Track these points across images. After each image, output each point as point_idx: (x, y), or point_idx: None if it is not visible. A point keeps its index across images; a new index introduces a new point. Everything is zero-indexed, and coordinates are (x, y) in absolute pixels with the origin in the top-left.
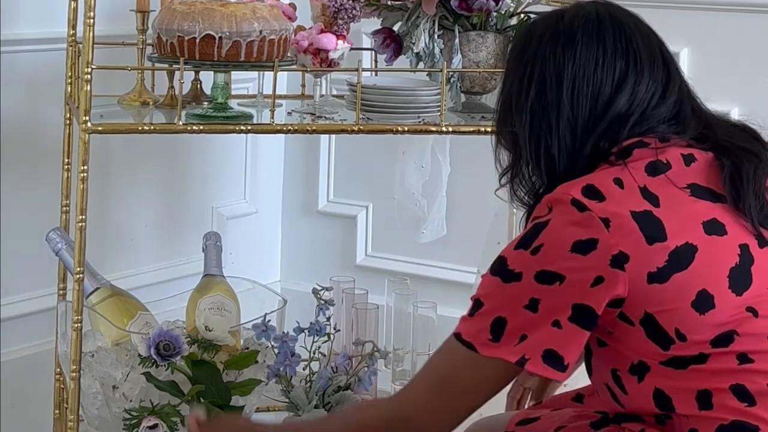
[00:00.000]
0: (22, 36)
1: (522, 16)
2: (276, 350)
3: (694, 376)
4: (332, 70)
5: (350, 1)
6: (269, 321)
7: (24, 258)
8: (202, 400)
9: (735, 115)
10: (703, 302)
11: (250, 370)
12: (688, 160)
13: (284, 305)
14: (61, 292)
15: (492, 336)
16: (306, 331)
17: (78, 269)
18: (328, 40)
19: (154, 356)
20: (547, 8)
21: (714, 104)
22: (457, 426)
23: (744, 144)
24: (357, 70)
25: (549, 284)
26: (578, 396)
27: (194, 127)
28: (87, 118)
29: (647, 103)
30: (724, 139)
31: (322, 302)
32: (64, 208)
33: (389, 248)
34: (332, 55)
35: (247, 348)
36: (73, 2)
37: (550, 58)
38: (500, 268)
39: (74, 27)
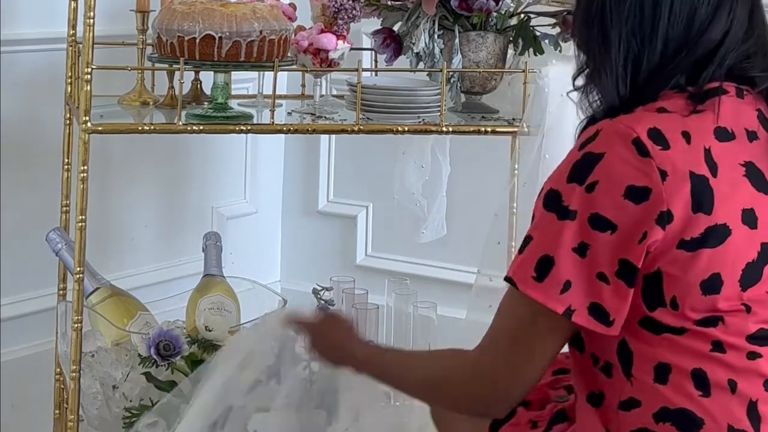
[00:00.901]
0: (22, 36)
1: (522, 16)
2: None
3: (664, 345)
4: (332, 70)
5: (350, 1)
6: None
7: (24, 258)
8: None
9: None
10: (712, 285)
11: None
12: (752, 136)
13: (284, 305)
14: (61, 292)
15: (536, 274)
16: None
17: (78, 269)
18: (328, 40)
19: (154, 356)
20: (547, 8)
21: None
22: (538, 379)
23: None
24: (357, 70)
25: (602, 231)
26: None
27: (194, 127)
28: (87, 118)
29: (738, 36)
30: None
31: (322, 302)
32: (64, 208)
33: (389, 248)
34: (332, 55)
35: None
36: (73, 2)
37: None
38: (554, 203)
39: (74, 27)
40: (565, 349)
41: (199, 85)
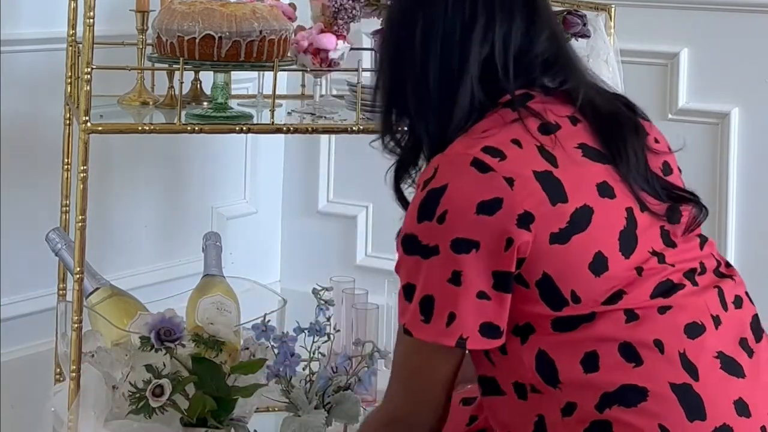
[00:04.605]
0: (22, 36)
1: None
2: (276, 350)
3: (582, 336)
4: (332, 70)
5: (350, 1)
6: (269, 321)
7: (24, 258)
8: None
9: (735, 115)
10: (599, 264)
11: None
12: (574, 120)
13: (284, 305)
14: (61, 292)
15: (423, 316)
16: (306, 331)
17: (78, 269)
18: (328, 40)
19: (154, 340)
20: None
21: (714, 104)
22: (445, 413)
23: (617, 108)
24: (357, 70)
25: (467, 252)
26: None
27: (194, 127)
28: (87, 118)
29: (511, 43)
30: (598, 102)
31: (322, 302)
32: (64, 208)
33: (389, 248)
34: (332, 55)
35: (247, 348)
36: (73, 2)
37: (403, 15)
38: (414, 246)
39: (74, 27)
40: None
41: (199, 85)
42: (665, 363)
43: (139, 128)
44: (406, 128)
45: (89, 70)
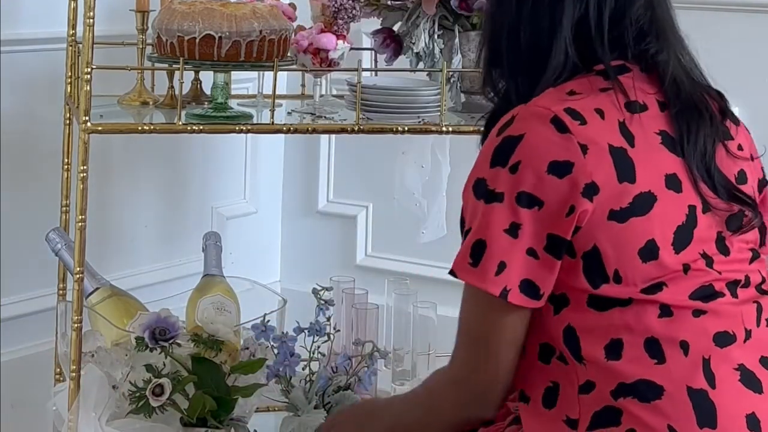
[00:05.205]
0: (22, 36)
1: None
2: (275, 350)
3: (613, 320)
4: (332, 70)
5: (350, 1)
6: (269, 321)
7: (24, 258)
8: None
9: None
10: (649, 252)
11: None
12: (663, 106)
13: (284, 305)
14: (61, 292)
15: (471, 260)
16: (306, 331)
17: (78, 269)
18: (328, 40)
19: (148, 340)
20: None
21: None
22: (507, 376)
23: (700, 95)
24: (357, 70)
25: (529, 208)
26: None
27: (194, 127)
28: (87, 118)
29: (606, 5)
30: (684, 84)
31: (322, 302)
32: (64, 208)
33: (389, 248)
34: (332, 55)
35: (247, 348)
36: (73, 2)
37: None
38: (482, 190)
39: (74, 27)
40: None
41: (199, 85)
42: (687, 365)
43: (139, 128)
44: (503, 83)
45: (89, 70)
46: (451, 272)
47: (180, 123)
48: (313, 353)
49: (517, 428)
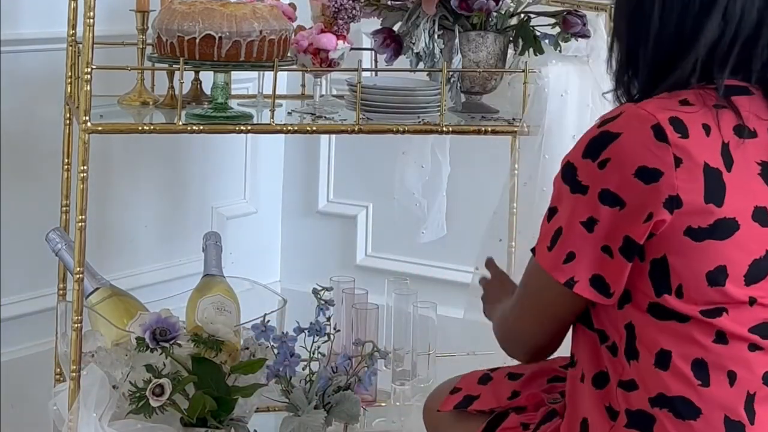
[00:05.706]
0: (22, 36)
1: (522, 16)
2: (275, 350)
3: (667, 331)
4: (332, 70)
5: (350, 1)
6: (269, 321)
7: (24, 258)
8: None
9: None
10: (717, 277)
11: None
12: None
13: (284, 305)
14: (61, 292)
15: (550, 243)
16: (306, 331)
17: (78, 269)
18: (328, 40)
19: (149, 341)
20: (547, 8)
21: None
22: (544, 339)
23: None
24: (357, 70)
25: (610, 206)
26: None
27: (194, 127)
28: (87, 118)
29: (744, 26)
30: None
31: (322, 302)
32: (64, 208)
33: (389, 248)
34: (332, 55)
35: (247, 348)
36: (73, 2)
37: None
38: (570, 176)
39: (74, 27)
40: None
41: (199, 85)
42: (731, 395)
43: (139, 128)
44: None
45: (89, 70)
46: (532, 250)
47: (180, 123)
48: (313, 353)
49: (553, 423)
